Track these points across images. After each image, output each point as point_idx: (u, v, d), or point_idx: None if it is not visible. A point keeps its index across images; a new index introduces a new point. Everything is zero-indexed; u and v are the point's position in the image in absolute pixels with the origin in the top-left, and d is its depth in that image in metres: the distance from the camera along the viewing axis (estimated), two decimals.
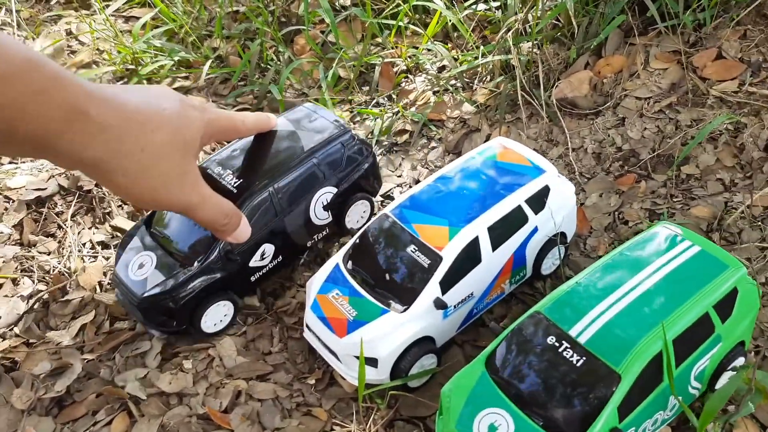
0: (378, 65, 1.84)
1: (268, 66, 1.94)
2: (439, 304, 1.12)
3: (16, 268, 1.41)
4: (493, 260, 1.19)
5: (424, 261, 1.14)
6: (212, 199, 0.86)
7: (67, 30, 2.30)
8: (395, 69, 1.87)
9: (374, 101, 1.81)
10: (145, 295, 1.19)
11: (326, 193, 1.32)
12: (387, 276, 1.16)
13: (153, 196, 0.79)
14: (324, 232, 1.37)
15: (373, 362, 1.11)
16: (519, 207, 1.20)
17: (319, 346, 1.19)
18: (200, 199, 0.84)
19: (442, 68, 1.86)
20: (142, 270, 1.22)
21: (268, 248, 1.28)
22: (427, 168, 1.61)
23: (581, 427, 0.92)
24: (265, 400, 1.15)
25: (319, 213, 1.33)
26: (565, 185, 1.27)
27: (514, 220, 1.20)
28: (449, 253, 1.13)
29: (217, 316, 1.25)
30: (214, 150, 1.63)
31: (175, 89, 1.98)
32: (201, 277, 1.21)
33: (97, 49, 2.20)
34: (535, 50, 1.64)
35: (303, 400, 1.16)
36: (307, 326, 1.19)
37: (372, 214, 1.43)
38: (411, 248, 1.16)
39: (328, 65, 1.88)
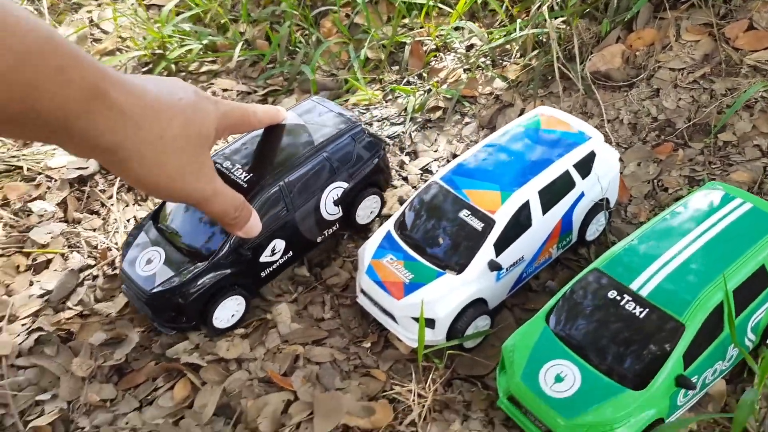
0: (408, 44, 1.86)
1: (296, 48, 1.96)
2: (494, 266, 1.14)
3: (63, 245, 1.43)
4: (543, 224, 1.21)
5: (478, 225, 1.16)
6: (225, 192, 0.86)
7: (89, 18, 2.32)
8: (425, 48, 1.89)
9: (405, 80, 1.83)
10: (154, 291, 1.17)
11: (337, 188, 1.30)
12: (440, 240, 1.18)
13: (168, 186, 0.78)
14: (334, 228, 1.34)
15: (430, 323, 1.13)
16: (567, 172, 1.22)
17: (374, 310, 1.21)
18: (213, 192, 0.83)
19: (470, 47, 1.88)
20: (151, 266, 1.20)
21: (279, 244, 1.26)
22: (462, 142, 1.63)
23: (647, 374, 0.94)
24: (323, 363, 1.17)
25: (329, 208, 1.31)
26: (610, 151, 1.30)
27: (562, 185, 1.22)
28: (502, 217, 1.15)
29: (228, 311, 1.23)
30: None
31: (203, 73, 2.01)
32: (211, 272, 1.19)
33: (120, 37, 2.22)
34: (567, 26, 1.66)
35: (360, 362, 1.18)
36: (362, 290, 1.21)
37: (382, 209, 1.41)
38: (463, 213, 1.18)
39: (357, 46, 1.90)
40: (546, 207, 1.20)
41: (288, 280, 1.33)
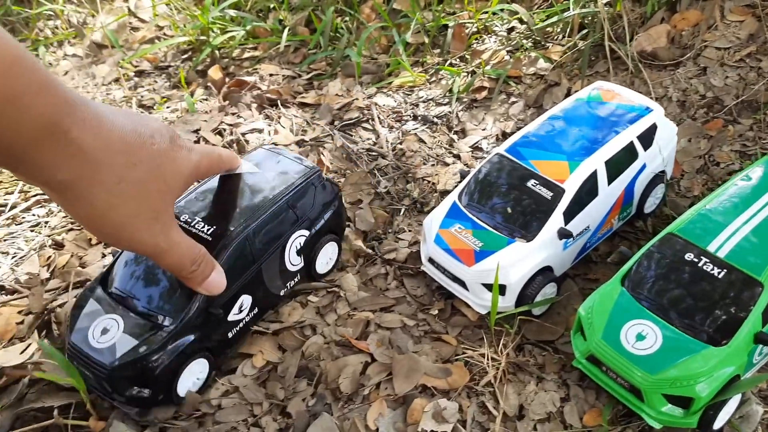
0: (451, 27, 1.89)
1: (338, 34, 1.99)
2: (563, 234, 1.17)
3: None
4: (608, 194, 1.23)
5: (547, 194, 1.19)
6: (182, 245, 0.82)
7: (126, 7, 2.34)
8: (466, 31, 1.92)
9: (447, 62, 1.86)
10: (117, 363, 1.02)
11: (300, 236, 1.22)
12: (508, 209, 1.21)
13: (116, 234, 0.73)
14: (296, 279, 1.26)
15: (501, 289, 1.16)
16: (631, 143, 1.25)
17: (441, 278, 1.23)
18: (168, 245, 0.79)
19: (510, 29, 1.91)
20: (107, 336, 1.05)
21: (246, 299, 1.15)
22: (510, 120, 1.66)
23: (727, 331, 0.97)
24: (394, 329, 1.20)
25: (293, 258, 1.22)
26: (669, 124, 1.32)
27: (626, 156, 1.25)
28: (571, 185, 1.18)
29: (192, 376, 1.10)
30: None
31: (246, 59, 2.04)
32: (181, 336, 1.05)
33: (157, 26, 2.25)
34: (611, 8, 1.69)
35: (430, 328, 1.21)
36: (430, 259, 1.24)
37: (339, 256, 1.34)
38: (531, 182, 1.21)
39: (396, 31, 1.93)
40: (611, 177, 1.23)
41: (349, 252, 1.36)
